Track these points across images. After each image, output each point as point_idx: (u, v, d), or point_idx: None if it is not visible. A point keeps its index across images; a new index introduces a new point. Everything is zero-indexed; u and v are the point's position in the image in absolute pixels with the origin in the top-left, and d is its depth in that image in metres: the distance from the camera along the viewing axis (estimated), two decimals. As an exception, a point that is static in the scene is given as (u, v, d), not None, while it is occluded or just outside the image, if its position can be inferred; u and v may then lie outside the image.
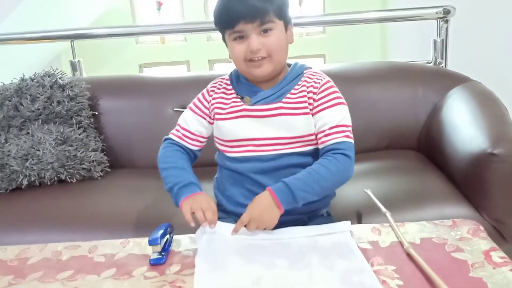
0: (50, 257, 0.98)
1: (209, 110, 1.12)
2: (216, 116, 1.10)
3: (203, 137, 1.14)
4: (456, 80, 1.64)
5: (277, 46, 1.03)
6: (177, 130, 1.15)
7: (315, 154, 1.07)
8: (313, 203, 1.04)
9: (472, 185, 1.25)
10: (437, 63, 1.89)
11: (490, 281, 0.79)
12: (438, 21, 1.91)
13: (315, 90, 1.06)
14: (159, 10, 3.78)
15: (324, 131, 1.03)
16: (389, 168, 1.47)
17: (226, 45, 1.08)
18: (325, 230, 0.98)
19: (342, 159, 1.00)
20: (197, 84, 1.76)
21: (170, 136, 1.16)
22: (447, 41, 1.94)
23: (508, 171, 1.19)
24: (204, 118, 1.13)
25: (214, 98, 1.12)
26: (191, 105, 1.15)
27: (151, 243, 0.93)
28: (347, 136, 1.03)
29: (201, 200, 1.00)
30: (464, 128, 1.36)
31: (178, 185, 1.05)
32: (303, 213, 1.09)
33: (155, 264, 0.91)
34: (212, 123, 1.13)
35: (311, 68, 1.13)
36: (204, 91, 1.15)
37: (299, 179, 1.00)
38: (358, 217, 1.20)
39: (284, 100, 1.06)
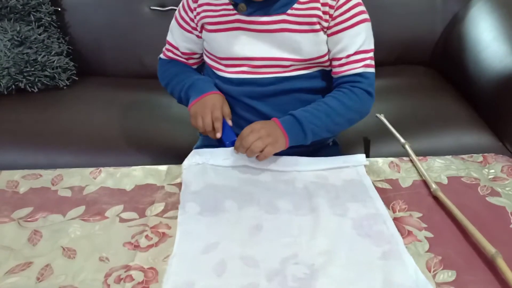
0: (4, 188, 0.81)
1: (194, 21, 0.90)
2: (205, 27, 0.88)
3: (195, 54, 0.95)
4: (481, -15, 1.41)
5: None
6: (168, 50, 0.97)
7: (323, 77, 0.89)
8: None
9: (497, 110, 1.10)
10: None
11: (535, 235, 0.67)
12: None
13: (333, 3, 0.83)
14: None
15: (340, 58, 0.85)
16: (400, 87, 1.30)
17: None
18: (336, 164, 0.83)
19: (360, 93, 0.85)
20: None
21: (162, 56, 0.98)
22: None
23: (542, 96, 1.04)
24: (191, 32, 0.91)
25: (200, 5, 0.88)
26: (176, 14, 0.93)
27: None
28: (367, 66, 0.85)
29: (205, 103, 0.85)
30: (492, 44, 1.18)
31: (183, 91, 0.90)
32: (307, 145, 0.90)
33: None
34: (201, 37, 0.91)
35: None
36: None
37: (309, 112, 0.83)
38: (367, 147, 1.05)
39: (289, 11, 0.83)
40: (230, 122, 0.86)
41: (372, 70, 0.87)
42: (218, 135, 0.84)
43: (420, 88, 1.29)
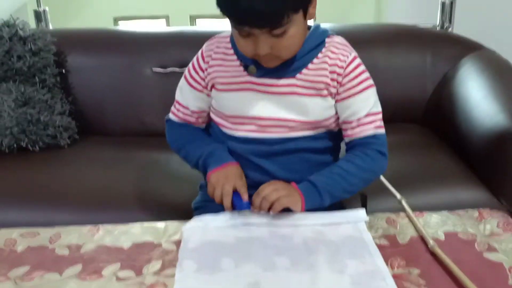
0: (2, 246, 0.81)
1: (205, 80, 0.91)
2: (216, 86, 0.90)
3: (205, 112, 0.95)
4: (468, 47, 1.49)
5: (291, 48, 0.81)
6: (177, 109, 0.96)
7: (329, 138, 0.91)
8: None
9: (490, 166, 1.12)
10: (445, 27, 1.73)
11: (534, 292, 0.67)
12: (447, -20, 1.73)
13: (341, 71, 0.85)
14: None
15: (351, 122, 0.87)
16: (395, 143, 1.31)
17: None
18: (336, 219, 0.84)
19: (373, 154, 0.87)
20: (179, 41, 1.57)
21: (170, 116, 0.98)
22: (455, 3, 1.77)
23: (533, 152, 1.06)
24: (202, 92, 0.92)
25: (211, 66, 0.90)
26: (186, 74, 0.94)
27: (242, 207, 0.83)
28: (378, 127, 0.88)
29: (226, 173, 0.86)
30: (481, 103, 1.22)
31: (202, 158, 0.91)
32: None
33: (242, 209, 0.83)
34: (210, 95, 0.93)
35: (334, 35, 0.89)
36: (199, 55, 0.92)
37: (325, 176, 0.86)
38: (364, 202, 1.06)
39: (298, 76, 0.85)
40: (245, 197, 0.85)
41: (383, 131, 0.89)
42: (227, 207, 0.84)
43: (414, 145, 1.32)
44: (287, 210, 0.83)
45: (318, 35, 0.86)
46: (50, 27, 1.83)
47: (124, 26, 3.43)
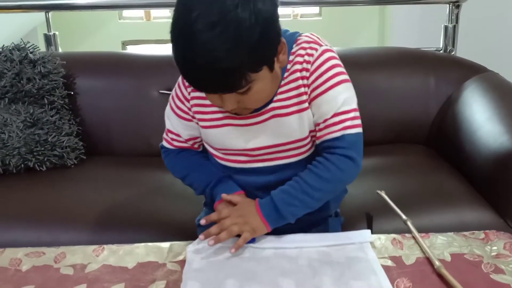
0: (7, 266, 0.81)
1: (191, 111, 0.87)
2: (199, 122, 0.87)
3: (198, 138, 0.92)
4: (471, 70, 1.50)
5: (259, 100, 0.78)
6: (171, 138, 0.93)
7: None
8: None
9: (496, 187, 1.12)
10: (448, 50, 1.75)
11: (543, 314, 0.66)
12: (450, 5, 1.76)
13: (308, 67, 0.79)
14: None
15: (318, 124, 0.81)
16: (399, 164, 1.33)
17: None
18: (341, 240, 0.83)
19: (337, 161, 0.79)
20: (186, 64, 1.60)
21: (165, 144, 0.95)
22: (458, 27, 1.80)
23: (538, 174, 1.06)
24: (191, 121, 0.89)
25: (193, 98, 0.86)
26: (171, 102, 0.90)
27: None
28: (346, 128, 0.79)
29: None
30: (486, 124, 1.23)
31: (209, 187, 0.90)
32: (313, 215, 0.87)
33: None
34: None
35: (301, 35, 0.83)
36: (181, 83, 0.88)
37: (287, 193, 0.82)
38: (369, 223, 1.06)
39: (276, 97, 0.81)
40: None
41: (355, 130, 0.79)
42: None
43: (419, 166, 1.32)
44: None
45: (287, 43, 0.78)
46: (60, 50, 1.87)
47: (131, 50, 3.49)
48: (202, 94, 0.83)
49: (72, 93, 1.53)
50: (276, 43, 0.74)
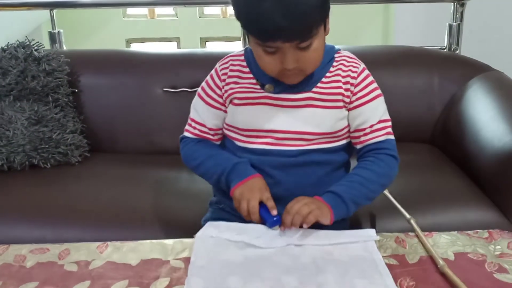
0: (11, 262, 0.81)
1: (222, 98, 0.94)
2: (233, 101, 0.92)
3: (221, 129, 0.98)
4: (475, 69, 1.50)
5: (315, 60, 0.85)
6: (193, 127, 0.97)
7: (343, 149, 0.94)
8: None
9: (500, 186, 1.12)
10: (452, 49, 1.74)
11: (546, 313, 0.65)
12: (455, 4, 1.75)
13: (353, 81, 0.90)
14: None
15: (364, 129, 0.91)
16: (404, 163, 1.29)
17: (246, 37, 0.87)
18: (346, 238, 0.83)
19: (386, 159, 0.91)
20: (189, 62, 1.60)
21: (186, 134, 0.99)
22: (462, 26, 1.79)
23: (543, 173, 1.06)
24: (220, 109, 0.95)
25: (227, 84, 0.93)
26: (201, 92, 0.96)
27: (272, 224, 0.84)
28: (389, 133, 0.92)
29: (251, 186, 0.87)
30: (490, 123, 1.22)
31: (224, 174, 0.91)
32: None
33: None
34: (226, 111, 0.95)
35: (342, 51, 0.95)
36: (214, 74, 0.95)
37: (345, 185, 0.88)
38: (373, 222, 1.06)
39: (314, 89, 0.90)
40: (274, 212, 0.85)
41: (393, 137, 0.93)
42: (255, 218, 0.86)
43: (423, 165, 1.32)
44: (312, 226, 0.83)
45: (328, 51, 0.91)
46: (64, 48, 1.88)
47: (136, 48, 3.50)
48: (241, 77, 0.91)
49: (76, 90, 1.54)
50: (328, 10, 0.83)
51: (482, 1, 2.15)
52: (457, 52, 1.74)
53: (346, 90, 0.90)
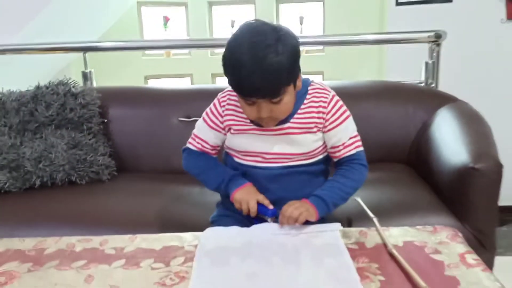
0: (65, 248, 1.07)
1: (223, 123, 1.17)
2: (231, 130, 1.16)
3: (219, 146, 1.23)
4: (444, 99, 1.75)
5: (286, 111, 1.07)
6: (197, 142, 1.21)
7: (321, 162, 1.18)
8: None
9: (455, 197, 1.34)
10: (428, 83, 2.00)
11: (463, 279, 0.88)
12: (430, 44, 2.02)
13: (325, 110, 1.12)
14: (165, 26, 3.91)
15: (338, 147, 1.14)
16: (380, 179, 1.57)
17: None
18: (318, 228, 1.07)
19: (358, 167, 1.15)
20: (201, 96, 1.87)
21: (189, 146, 1.23)
22: (439, 63, 2.05)
23: (488, 184, 1.29)
24: (220, 132, 1.18)
25: (227, 114, 1.16)
26: (205, 117, 1.19)
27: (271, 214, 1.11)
28: (358, 146, 1.15)
29: (249, 191, 1.13)
30: (450, 145, 1.46)
31: (224, 183, 1.16)
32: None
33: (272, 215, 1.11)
34: (226, 134, 1.19)
35: (313, 81, 1.16)
36: (216, 103, 1.18)
37: (327, 190, 1.13)
38: (348, 222, 1.29)
39: (292, 120, 1.11)
40: (270, 206, 1.12)
41: (362, 148, 1.16)
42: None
43: (396, 181, 1.55)
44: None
45: (303, 84, 1.12)
46: (94, 85, 2.18)
47: (155, 84, 3.82)
48: (236, 110, 1.14)
49: (106, 120, 1.82)
50: (299, 69, 1.06)
51: (459, 42, 2.43)
52: (432, 85, 2.00)
53: (319, 118, 1.12)
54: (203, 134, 1.21)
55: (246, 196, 1.13)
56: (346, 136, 1.14)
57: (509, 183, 2.35)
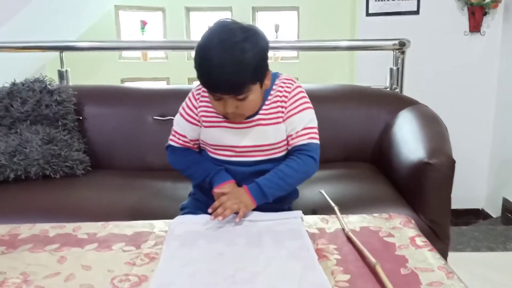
0: (38, 233, 1.11)
1: (198, 116, 1.20)
2: (203, 123, 1.20)
3: (198, 140, 1.25)
4: (406, 102, 1.86)
5: (252, 108, 1.12)
6: (177, 138, 1.25)
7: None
8: (280, 202, 1.21)
9: (411, 190, 1.44)
10: (393, 88, 2.11)
11: (411, 258, 0.96)
12: (395, 51, 2.14)
13: (286, 99, 1.16)
14: (143, 30, 3.96)
15: (291, 135, 1.18)
16: (345, 176, 1.66)
17: None
18: (281, 216, 1.14)
19: (305, 159, 1.16)
20: (176, 95, 1.91)
21: (171, 143, 1.26)
22: (403, 69, 2.17)
23: (442, 178, 1.39)
24: (197, 125, 1.21)
25: (200, 106, 1.20)
26: (182, 111, 1.23)
27: None
28: (312, 138, 1.17)
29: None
30: (409, 143, 1.56)
31: (209, 177, 1.20)
32: (272, 210, 1.20)
33: None
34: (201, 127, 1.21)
35: (282, 75, 1.20)
36: (191, 96, 1.22)
37: (268, 179, 1.16)
38: (313, 213, 1.36)
39: (260, 112, 1.16)
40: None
41: (316, 141, 1.17)
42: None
43: (360, 178, 1.64)
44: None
45: (272, 78, 1.16)
46: (70, 83, 2.21)
47: (131, 84, 3.85)
48: (208, 104, 1.17)
49: (81, 117, 1.86)
50: (266, 69, 1.10)
51: (424, 51, 2.57)
52: (396, 90, 2.11)
53: (282, 107, 1.16)
54: (182, 129, 1.24)
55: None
56: (300, 126, 1.16)
57: (469, 186, 2.50)
